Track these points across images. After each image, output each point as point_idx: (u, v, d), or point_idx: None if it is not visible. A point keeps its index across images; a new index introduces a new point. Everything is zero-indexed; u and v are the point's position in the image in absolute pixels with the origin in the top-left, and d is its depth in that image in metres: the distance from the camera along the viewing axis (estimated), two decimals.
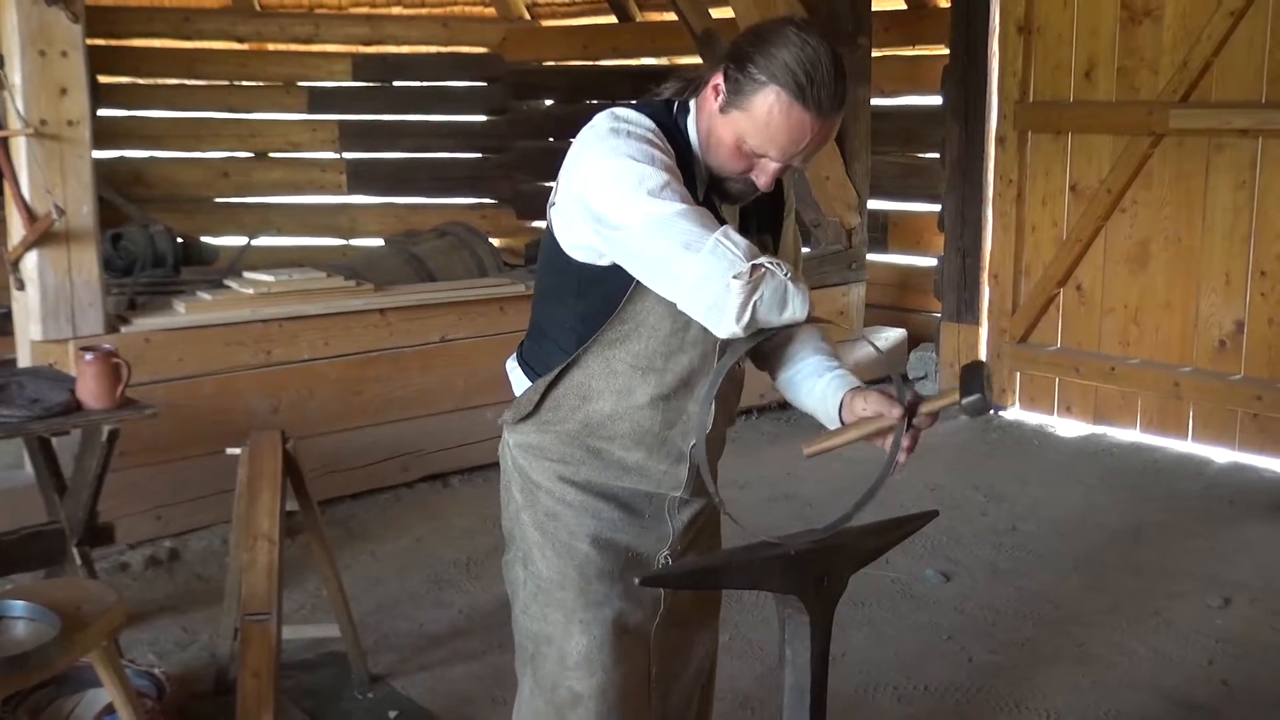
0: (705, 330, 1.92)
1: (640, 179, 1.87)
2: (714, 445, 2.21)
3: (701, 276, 1.81)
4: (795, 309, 1.83)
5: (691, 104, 2.04)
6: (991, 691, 3.48)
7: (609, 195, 1.90)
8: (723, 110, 1.94)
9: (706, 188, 2.03)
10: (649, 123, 1.97)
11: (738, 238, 1.83)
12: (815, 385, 2.12)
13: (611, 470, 2.16)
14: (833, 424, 2.07)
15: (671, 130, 2.00)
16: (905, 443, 1.97)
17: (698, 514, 2.23)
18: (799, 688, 1.97)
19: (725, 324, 1.83)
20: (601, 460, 2.15)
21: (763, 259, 1.82)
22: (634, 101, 2.06)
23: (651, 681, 2.23)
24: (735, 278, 1.79)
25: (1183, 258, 5.66)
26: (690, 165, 2.00)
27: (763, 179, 1.97)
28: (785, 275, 1.82)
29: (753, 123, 1.90)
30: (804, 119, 1.88)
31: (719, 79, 1.95)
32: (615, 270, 1.99)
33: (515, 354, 2.27)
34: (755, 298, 1.80)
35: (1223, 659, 3.68)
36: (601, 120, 1.99)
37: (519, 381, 2.22)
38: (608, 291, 2.02)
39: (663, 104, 2.06)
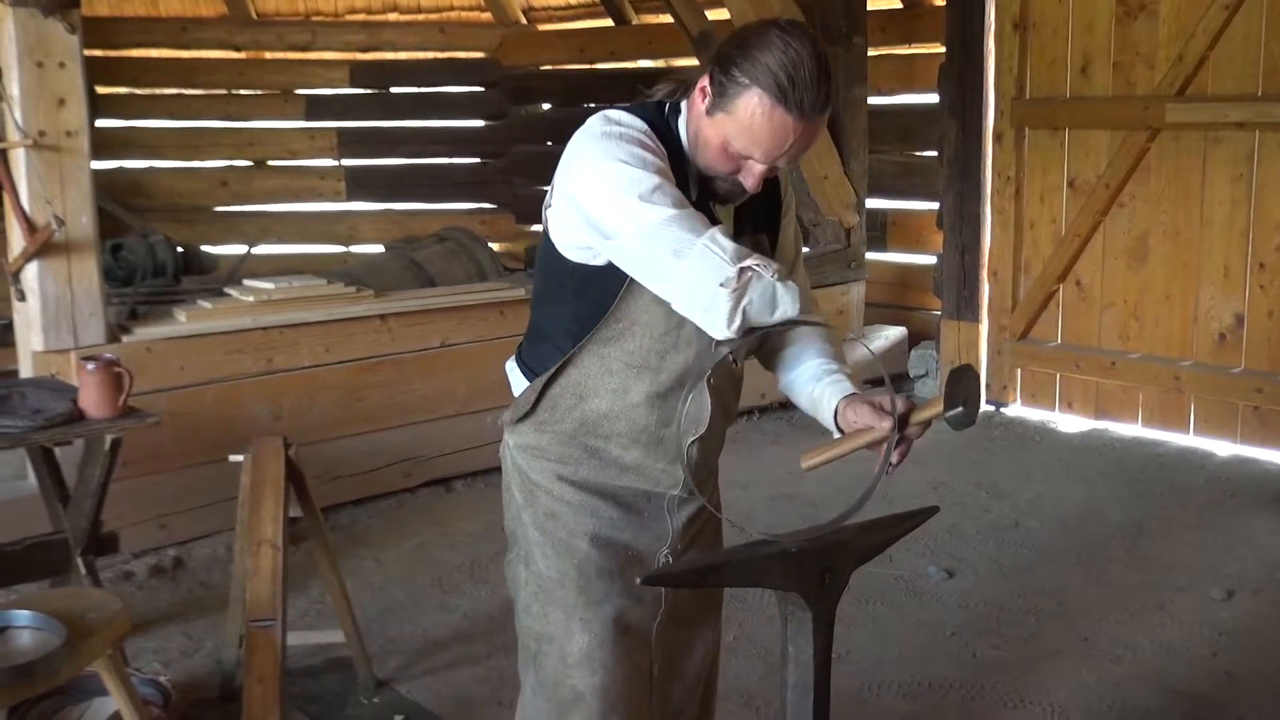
0: (699, 329, 1.94)
1: (631, 182, 1.89)
2: (712, 443, 2.22)
3: (691, 282, 1.83)
4: (786, 308, 1.84)
5: (683, 105, 2.05)
6: (996, 687, 3.49)
7: (602, 201, 1.92)
8: (709, 113, 1.95)
9: (699, 188, 2.03)
10: (641, 124, 1.98)
11: (725, 241, 1.84)
12: (813, 390, 2.13)
13: (609, 469, 2.17)
14: (830, 431, 2.09)
15: (663, 131, 2.01)
16: (894, 458, 1.98)
17: (698, 512, 2.23)
18: (802, 685, 1.97)
19: (719, 328, 1.86)
20: (599, 459, 2.17)
21: (749, 261, 1.83)
22: (626, 104, 2.06)
23: (654, 679, 2.24)
24: (722, 285, 1.80)
25: (1181, 252, 5.67)
26: (682, 166, 2.01)
27: (750, 180, 1.98)
28: (773, 276, 1.83)
29: (737, 125, 1.91)
30: (786, 121, 1.88)
31: (705, 81, 1.96)
32: (610, 270, 2.00)
33: (514, 355, 2.29)
34: (744, 302, 1.82)
35: (1227, 651, 3.68)
36: (594, 122, 2.00)
37: (518, 382, 2.24)
38: (603, 291, 2.03)
39: (655, 105, 2.07)
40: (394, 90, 8.78)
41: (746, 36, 1.92)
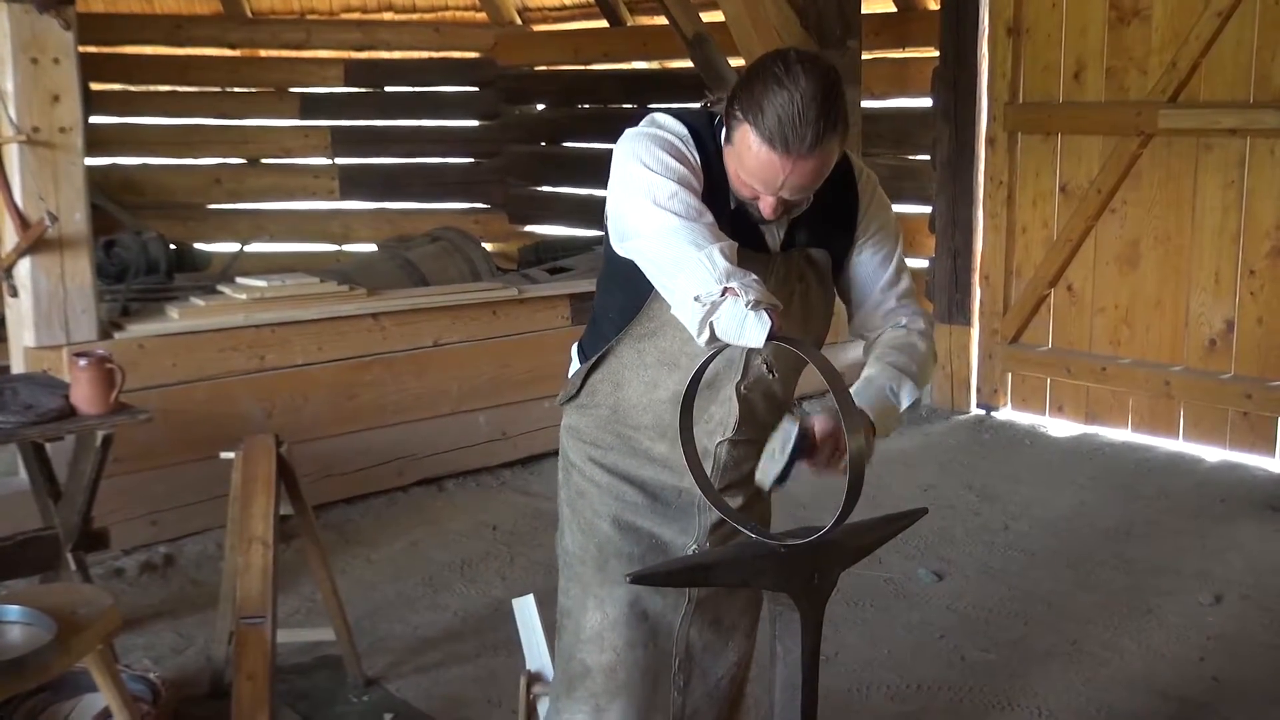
0: None
1: (649, 186, 1.93)
2: (746, 448, 2.22)
3: (683, 292, 1.84)
4: (751, 337, 1.77)
5: None
6: (984, 689, 3.50)
7: (620, 202, 1.99)
8: (726, 141, 1.99)
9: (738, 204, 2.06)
10: (682, 129, 2.03)
11: (718, 259, 1.82)
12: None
13: (638, 458, 2.24)
14: None
15: (706, 141, 2.04)
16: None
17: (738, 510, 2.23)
18: (790, 685, 1.98)
19: (696, 338, 1.84)
20: (630, 447, 2.24)
21: (734, 282, 1.78)
22: (680, 107, 2.11)
23: (674, 672, 2.27)
24: (696, 299, 1.80)
25: (1172, 257, 5.69)
26: (723, 178, 2.03)
27: (764, 208, 1.99)
28: (748, 305, 1.76)
29: (736, 158, 1.96)
30: (772, 159, 1.89)
31: (724, 111, 1.99)
32: None
33: (579, 339, 2.37)
34: (713, 319, 1.78)
35: (1214, 655, 3.70)
36: (642, 123, 2.06)
37: (574, 365, 2.33)
38: (640, 285, 2.06)
39: (707, 115, 2.10)
40: (388, 89, 8.78)
41: (753, 71, 1.94)
